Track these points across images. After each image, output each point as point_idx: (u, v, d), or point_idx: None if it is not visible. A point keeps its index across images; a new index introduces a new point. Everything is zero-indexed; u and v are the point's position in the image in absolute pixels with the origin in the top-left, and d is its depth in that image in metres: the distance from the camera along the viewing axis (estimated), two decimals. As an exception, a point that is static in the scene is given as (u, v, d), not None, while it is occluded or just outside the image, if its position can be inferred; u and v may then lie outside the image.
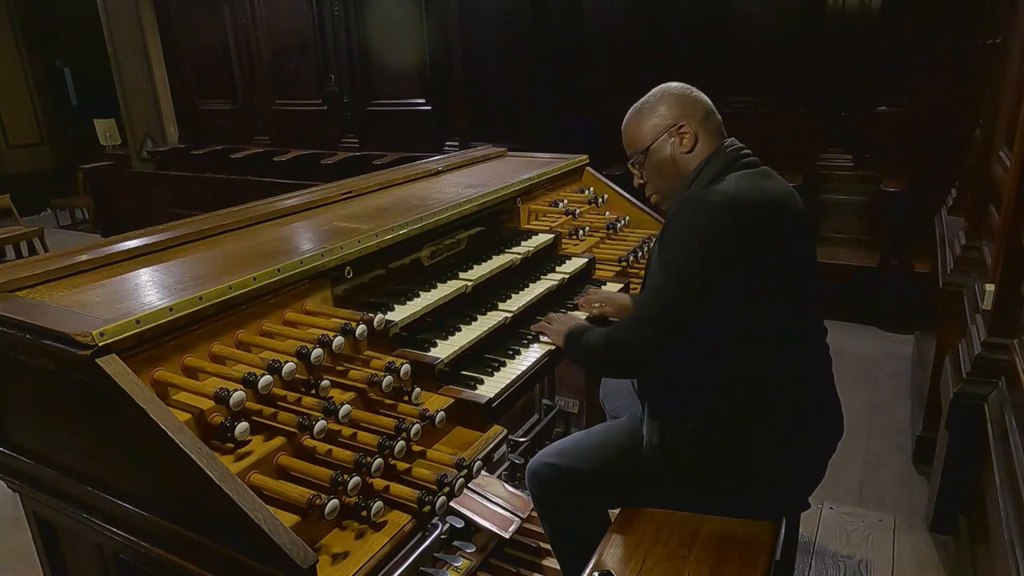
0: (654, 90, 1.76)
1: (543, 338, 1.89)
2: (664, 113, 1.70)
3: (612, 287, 2.31)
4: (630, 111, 1.78)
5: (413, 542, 2.09)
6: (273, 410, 1.34)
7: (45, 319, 1.26)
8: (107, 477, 1.34)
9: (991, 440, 2.14)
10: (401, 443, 1.36)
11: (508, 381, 1.70)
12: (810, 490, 1.75)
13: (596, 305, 2.08)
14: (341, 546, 1.28)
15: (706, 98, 1.73)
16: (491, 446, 1.59)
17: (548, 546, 2.12)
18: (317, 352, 1.41)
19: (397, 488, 1.35)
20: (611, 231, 2.65)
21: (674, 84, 1.75)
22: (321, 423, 1.29)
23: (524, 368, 1.76)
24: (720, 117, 1.72)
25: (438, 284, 1.95)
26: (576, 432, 1.91)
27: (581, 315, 2.04)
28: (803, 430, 1.62)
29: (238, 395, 1.25)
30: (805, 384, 1.62)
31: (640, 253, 2.50)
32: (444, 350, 1.71)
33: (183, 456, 1.11)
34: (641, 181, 1.79)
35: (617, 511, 1.77)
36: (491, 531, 2.22)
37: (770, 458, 1.60)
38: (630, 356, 1.54)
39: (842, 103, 4.93)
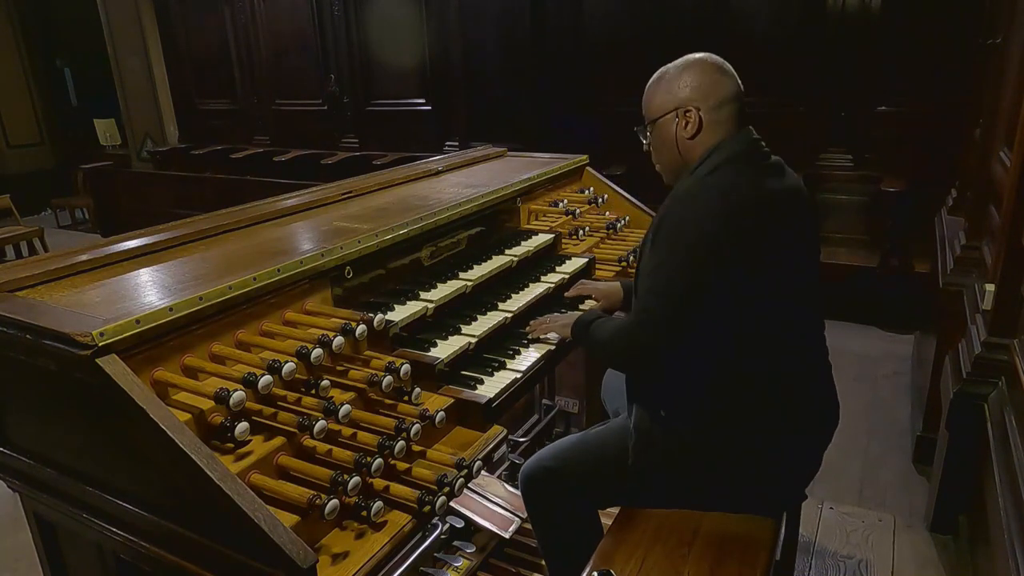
0: (685, 57, 1.65)
1: (549, 336, 1.89)
2: (677, 90, 1.61)
3: (612, 287, 2.31)
4: (656, 73, 1.69)
5: (413, 542, 2.09)
6: (273, 410, 1.34)
7: (45, 319, 1.26)
8: (107, 477, 1.35)
9: (991, 440, 2.14)
10: (401, 443, 1.36)
11: (508, 381, 1.70)
12: (806, 482, 1.74)
13: (586, 297, 2.12)
14: (341, 546, 1.28)
15: (732, 82, 1.62)
16: (491, 446, 1.59)
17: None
18: (317, 352, 1.41)
19: (397, 488, 1.35)
20: (611, 231, 2.65)
21: (706, 59, 1.63)
22: (321, 423, 1.29)
23: (524, 368, 1.77)
24: (741, 104, 1.62)
25: (438, 284, 1.95)
26: (573, 434, 1.91)
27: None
28: (796, 421, 1.61)
29: (238, 395, 1.25)
30: (799, 376, 1.62)
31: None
32: (444, 350, 1.71)
33: (183, 456, 1.11)
34: (646, 148, 1.75)
35: (612, 514, 1.77)
36: (491, 531, 2.22)
37: (763, 451, 1.60)
38: (629, 357, 1.61)
39: (842, 103, 4.93)
